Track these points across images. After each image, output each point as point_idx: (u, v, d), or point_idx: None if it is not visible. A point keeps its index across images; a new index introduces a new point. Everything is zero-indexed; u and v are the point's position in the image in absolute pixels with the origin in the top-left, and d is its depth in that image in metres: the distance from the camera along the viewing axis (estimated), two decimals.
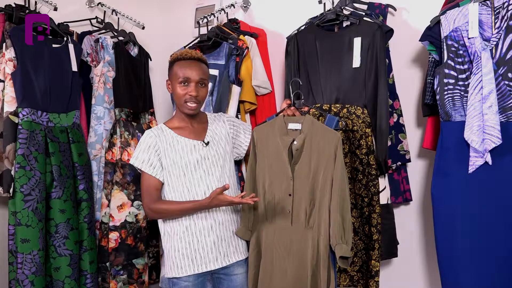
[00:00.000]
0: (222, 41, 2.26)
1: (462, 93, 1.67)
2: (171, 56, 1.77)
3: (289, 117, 1.76)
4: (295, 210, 1.69)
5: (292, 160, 1.70)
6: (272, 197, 1.74)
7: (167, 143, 1.71)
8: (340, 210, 1.61)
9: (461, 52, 1.67)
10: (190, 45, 2.37)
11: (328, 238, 1.63)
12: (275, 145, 1.74)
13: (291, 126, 1.75)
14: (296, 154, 1.69)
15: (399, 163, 2.06)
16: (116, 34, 2.42)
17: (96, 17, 2.53)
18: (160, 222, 1.77)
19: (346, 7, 2.02)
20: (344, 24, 2.04)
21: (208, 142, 1.75)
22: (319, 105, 1.97)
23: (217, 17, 2.53)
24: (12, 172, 1.89)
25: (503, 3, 1.60)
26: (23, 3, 2.14)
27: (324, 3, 2.12)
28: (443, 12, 1.74)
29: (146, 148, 1.70)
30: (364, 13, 2.02)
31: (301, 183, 1.69)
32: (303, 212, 1.68)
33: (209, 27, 2.39)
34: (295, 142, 1.69)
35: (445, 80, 1.70)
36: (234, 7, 2.55)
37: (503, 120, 1.60)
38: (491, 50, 1.60)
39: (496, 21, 1.62)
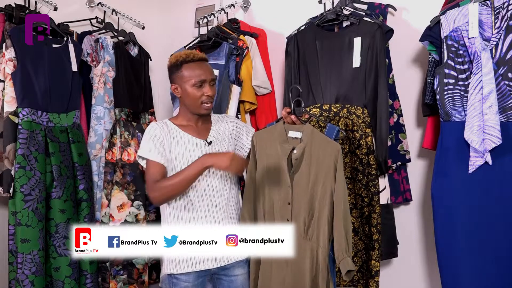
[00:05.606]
0: (222, 41, 2.26)
1: (462, 93, 1.67)
2: (172, 58, 1.74)
3: (289, 125, 1.75)
4: (293, 219, 1.68)
5: (291, 169, 1.70)
6: (271, 205, 1.73)
7: (171, 137, 1.71)
8: (344, 223, 1.60)
9: (461, 52, 1.67)
10: (190, 45, 2.37)
11: (327, 249, 1.62)
12: (275, 152, 1.72)
13: (291, 134, 1.73)
14: (295, 163, 1.68)
15: (399, 163, 2.06)
16: (116, 34, 2.43)
17: (96, 17, 2.53)
18: (162, 219, 1.77)
19: (346, 7, 2.01)
20: (344, 24, 2.04)
21: (211, 142, 1.75)
22: (318, 111, 1.96)
23: (217, 17, 2.53)
24: (12, 172, 1.89)
25: (503, 3, 1.60)
26: (23, 3, 2.14)
27: (324, 3, 2.12)
28: (443, 12, 1.74)
29: (151, 138, 1.70)
30: (364, 13, 2.02)
31: (300, 192, 1.67)
32: (302, 222, 1.67)
33: (209, 27, 2.39)
34: (294, 151, 1.68)
35: (445, 80, 1.70)
36: (234, 7, 2.55)
37: (503, 120, 1.60)
38: (491, 50, 1.60)
39: (496, 21, 1.62)
